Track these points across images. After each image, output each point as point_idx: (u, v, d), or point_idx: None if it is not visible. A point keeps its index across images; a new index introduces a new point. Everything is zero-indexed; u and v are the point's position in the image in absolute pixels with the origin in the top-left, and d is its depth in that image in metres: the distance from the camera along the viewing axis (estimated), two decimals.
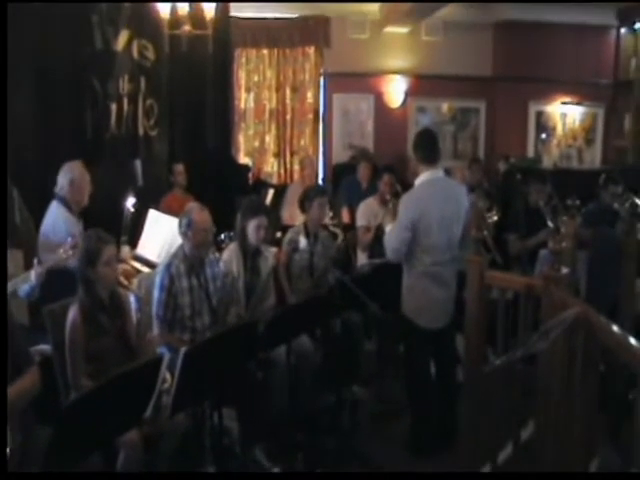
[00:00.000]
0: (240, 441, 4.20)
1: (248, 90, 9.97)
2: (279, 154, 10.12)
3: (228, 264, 4.53)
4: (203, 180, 6.95)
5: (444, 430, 4.34)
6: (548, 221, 5.37)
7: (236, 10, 8.22)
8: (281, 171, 10.14)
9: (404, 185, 5.43)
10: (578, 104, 10.81)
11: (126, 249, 5.19)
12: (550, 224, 5.32)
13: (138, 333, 3.81)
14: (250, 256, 4.61)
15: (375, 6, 9.82)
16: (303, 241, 5.10)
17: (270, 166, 10.12)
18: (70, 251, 3.86)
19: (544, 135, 10.79)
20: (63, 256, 3.93)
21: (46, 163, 5.09)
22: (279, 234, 6.10)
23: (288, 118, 10.07)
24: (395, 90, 10.33)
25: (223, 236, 5.18)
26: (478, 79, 10.35)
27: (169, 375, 2.95)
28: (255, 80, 9.98)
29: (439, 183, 4.32)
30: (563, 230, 4.93)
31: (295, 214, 6.16)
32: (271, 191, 7.85)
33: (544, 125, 10.78)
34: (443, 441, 4.29)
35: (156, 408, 2.87)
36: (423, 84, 10.28)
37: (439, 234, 4.19)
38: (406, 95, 10.36)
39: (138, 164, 6.71)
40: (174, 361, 3.00)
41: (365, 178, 7.22)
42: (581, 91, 10.68)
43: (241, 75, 9.85)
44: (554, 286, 3.30)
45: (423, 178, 4.26)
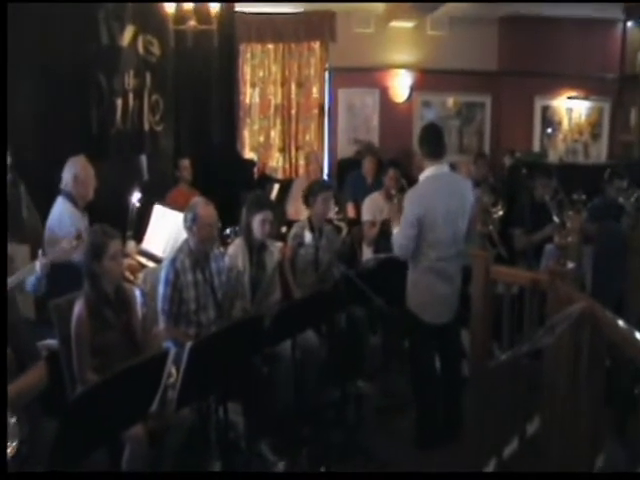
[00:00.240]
0: (245, 435, 4.21)
1: (253, 85, 9.97)
2: (284, 149, 10.12)
3: (234, 259, 4.53)
4: (208, 175, 6.95)
5: (449, 425, 4.34)
6: (554, 216, 5.34)
7: (241, 5, 8.23)
8: (286, 166, 10.14)
9: (409, 180, 5.42)
10: (584, 99, 10.76)
11: (132, 244, 5.20)
12: (556, 219, 5.29)
13: (144, 328, 3.83)
14: (256, 251, 4.61)
15: None
16: (308, 236, 5.10)
17: (275, 161, 10.12)
18: (74, 242, 3.84)
19: (550, 130, 10.75)
20: (67, 247, 3.92)
21: (52, 159, 5.09)
22: (284, 229, 6.10)
23: (293, 113, 10.06)
24: (400, 85, 10.31)
25: (229, 231, 5.19)
26: (484, 74, 10.32)
27: (175, 369, 2.96)
28: (260, 75, 9.97)
29: (444, 178, 4.31)
30: (569, 225, 4.92)
31: (300, 209, 6.16)
32: (276, 186, 7.85)
33: (550, 120, 10.74)
34: (448, 436, 4.29)
35: (162, 402, 2.87)
36: (428, 79, 10.26)
37: (444, 229, 4.19)
38: (411, 90, 10.35)
39: (144, 159, 6.73)
40: (180, 355, 3.01)
41: (370, 173, 7.21)
42: (587, 85, 10.63)
43: (246, 70, 9.84)
44: (560, 281, 3.30)
45: (428, 173, 4.25)
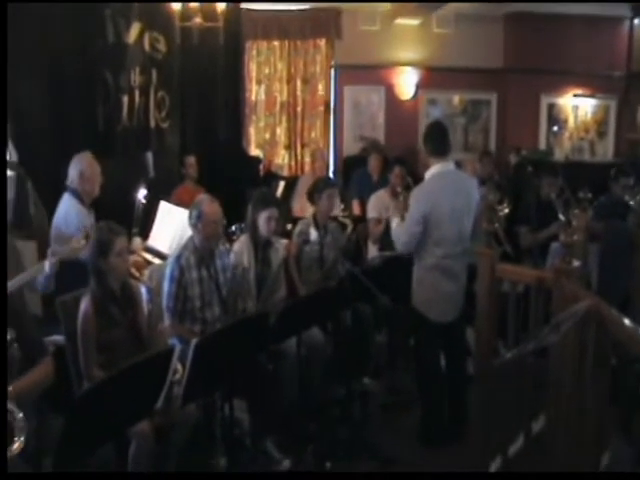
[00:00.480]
0: (251, 432, 4.23)
1: (259, 82, 9.95)
2: (290, 146, 10.10)
3: (239, 256, 4.54)
4: (214, 172, 6.96)
5: (454, 423, 4.35)
6: (559, 214, 5.35)
7: (247, 2, 8.23)
8: (292, 163, 10.13)
9: (415, 177, 5.42)
10: (590, 96, 10.73)
11: (137, 241, 5.21)
12: (561, 217, 5.30)
13: (149, 324, 3.83)
14: (261, 248, 4.61)
15: None
16: (313, 233, 5.10)
17: (281, 158, 10.10)
18: (83, 241, 3.86)
19: (556, 128, 10.72)
20: (76, 246, 3.94)
21: (59, 156, 5.11)
22: (290, 226, 6.11)
23: (299, 110, 10.04)
24: (406, 82, 10.29)
25: (234, 228, 5.20)
26: (489, 71, 10.30)
27: (180, 366, 2.97)
28: (266, 72, 9.95)
29: (450, 176, 4.31)
30: (575, 223, 4.92)
31: (306, 206, 6.16)
32: (282, 183, 7.85)
33: (556, 117, 10.71)
34: (453, 433, 4.30)
35: (167, 399, 2.88)
36: (434, 76, 10.24)
37: (450, 227, 4.19)
38: (417, 87, 10.32)
39: (149, 156, 6.75)
40: (185, 352, 3.02)
41: (376, 170, 7.21)
42: (593, 83, 10.60)
43: (252, 67, 9.82)
44: (565, 279, 3.29)
45: (434, 171, 4.26)
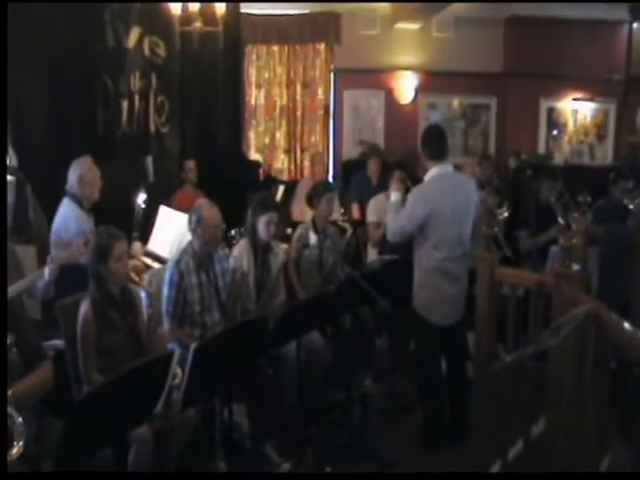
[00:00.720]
0: (250, 436, 4.22)
1: (259, 86, 9.96)
2: (289, 150, 10.11)
3: (238, 260, 4.53)
4: (214, 176, 6.97)
5: (455, 426, 4.34)
6: (559, 218, 5.36)
7: (247, 7, 8.24)
8: (291, 167, 10.13)
9: (415, 181, 5.41)
10: (589, 100, 10.73)
11: (137, 245, 5.21)
12: (561, 221, 5.31)
13: (149, 329, 3.83)
14: (260, 252, 4.61)
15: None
16: (312, 237, 5.10)
17: (280, 162, 10.11)
18: (82, 248, 3.88)
19: (555, 131, 10.73)
20: (75, 252, 3.96)
21: (59, 161, 5.11)
22: (289, 230, 6.10)
23: (298, 114, 10.05)
24: (406, 86, 10.30)
25: (234, 232, 5.20)
26: (489, 75, 10.31)
27: (179, 370, 2.97)
28: (265, 76, 9.97)
29: (449, 178, 4.32)
30: (574, 227, 4.92)
31: (305, 210, 6.15)
32: (281, 187, 7.84)
33: (555, 121, 10.72)
34: (454, 437, 4.29)
35: (167, 403, 2.88)
36: (434, 80, 10.25)
37: (450, 229, 4.19)
38: (417, 91, 10.34)
39: (149, 161, 6.75)
40: (184, 356, 3.01)
41: (375, 174, 7.22)
42: (593, 87, 10.61)
43: (252, 71, 9.84)
44: (565, 283, 3.29)
45: (433, 173, 4.26)
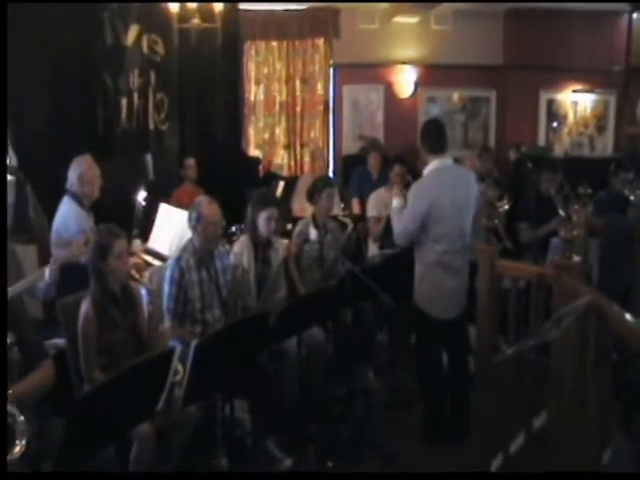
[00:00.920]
0: (252, 432, 4.23)
1: (258, 82, 9.94)
2: (289, 146, 10.09)
3: (239, 256, 4.54)
4: (213, 173, 6.96)
5: (456, 420, 4.34)
6: (559, 209, 5.35)
7: (245, 2, 8.23)
8: (291, 163, 10.11)
9: (415, 175, 5.41)
10: (589, 92, 10.70)
11: (138, 242, 5.21)
12: (561, 212, 5.30)
13: (150, 326, 3.83)
14: (261, 248, 4.62)
15: None
16: (313, 232, 5.10)
17: (280, 158, 10.09)
18: (83, 247, 3.90)
19: (555, 123, 10.70)
20: (76, 252, 3.98)
21: (59, 159, 5.12)
22: (290, 226, 6.11)
23: (298, 110, 10.03)
24: (405, 80, 10.27)
25: (234, 229, 5.20)
26: (488, 68, 10.29)
27: (181, 367, 2.97)
28: (265, 72, 9.94)
29: (448, 171, 4.32)
30: (574, 218, 4.91)
31: (305, 206, 6.15)
32: (281, 183, 7.84)
33: (555, 113, 10.70)
34: (456, 431, 4.29)
35: (168, 400, 2.88)
36: (433, 74, 10.23)
37: (450, 222, 4.19)
38: (416, 85, 10.31)
39: (149, 158, 6.75)
40: (185, 353, 3.02)
41: (375, 169, 7.21)
42: (592, 78, 10.58)
43: (251, 67, 9.81)
44: (566, 274, 3.29)
45: (432, 167, 4.26)
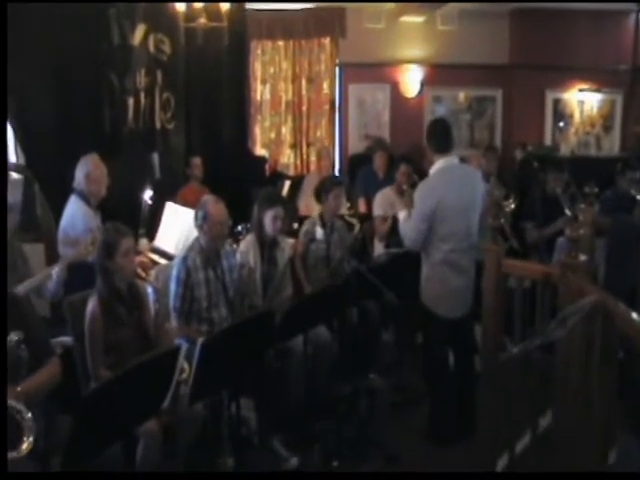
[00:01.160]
0: (258, 431, 4.24)
1: (264, 82, 9.95)
2: (295, 145, 10.10)
3: (245, 255, 4.55)
4: (220, 172, 6.98)
5: (462, 419, 4.34)
6: (566, 209, 5.35)
7: (251, 2, 8.24)
8: (297, 162, 10.13)
9: (421, 175, 5.41)
10: (596, 91, 10.68)
11: (144, 241, 5.23)
12: (568, 212, 5.30)
13: (156, 324, 3.84)
14: (267, 247, 4.62)
15: None
16: (319, 231, 5.11)
17: (286, 157, 10.10)
18: (90, 247, 3.93)
19: (562, 123, 10.68)
20: (84, 252, 4.01)
21: (66, 158, 5.14)
22: (296, 225, 6.11)
23: (304, 109, 10.04)
24: (411, 80, 10.27)
25: (240, 228, 5.21)
26: (494, 67, 10.28)
27: (187, 365, 2.99)
28: (271, 72, 9.96)
29: (454, 170, 4.32)
30: (581, 218, 4.90)
31: (312, 205, 6.17)
32: (287, 182, 7.85)
33: (561, 113, 10.67)
34: (461, 430, 4.29)
35: (174, 398, 2.90)
36: (439, 73, 10.22)
37: (457, 221, 4.19)
38: (422, 85, 10.31)
39: (156, 157, 6.76)
40: (191, 351, 3.03)
41: (381, 168, 7.21)
42: (599, 78, 10.56)
43: (257, 67, 9.83)
44: (571, 274, 3.29)
45: (438, 166, 4.26)
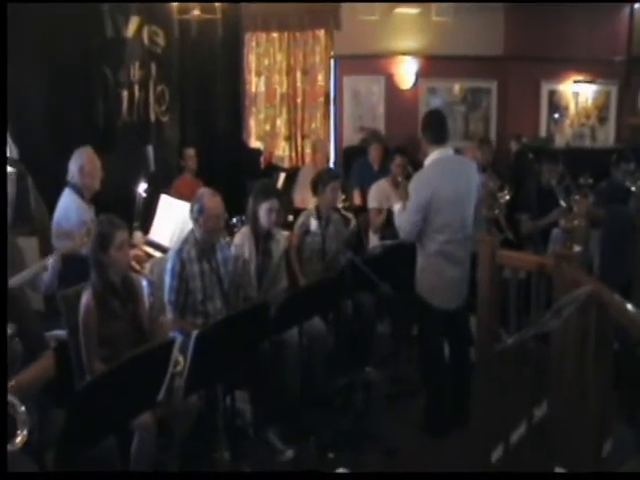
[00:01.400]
0: (253, 423, 4.24)
1: (259, 74, 9.91)
2: (290, 138, 10.06)
3: (240, 248, 4.54)
4: (215, 165, 6.96)
5: (458, 411, 4.34)
6: (560, 200, 5.35)
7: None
8: (292, 155, 10.09)
9: (416, 166, 5.41)
10: (591, 82, 10.67)
11: (139, 234, 5.21)
12: (562, 203, 5.30)
13: (150, 317, 3.84)
14: (262, 239, 4.62)
15: None
16: (314, 223, 5.10)
17: (281, 150, 10.07)
18: (85, 239, 3.92)
19: (556, 114, 10.68)
20: (78, 243, 4.01)
21: (59, 152, 5.12)
22: (291, 217, 6.11)
23: (299, 101, 10.00)
24: (406, 71, 10.24)
25: (235, 220, 5.19)
26: (489, 59, 10.24)
27: (181, 358, 2.98)
28: (265, 64, 9.91)
29: (449, 161, 4.32)
30: (575, 209, 4.91)
31: (307, 197, 6.16)
32: (282, 175, 7.84)
33: (556, 104, 10.67)
34: (457, 421, 4.30)
35: (169, 391, 2.89)
36: (434, 65, 10.19)
37: (452, 212, 4.19)
38: (417, 76, 10.28)
39: (150, 150, 6.75)
40: (186, 344, 3.03)
41: (376, 160, 7.20)
42: (594, 69, 10.55)
43: (251, 59, 9.78)
44: (566, 264, 3.29)
45: (433, 157, 4.25)
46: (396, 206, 4.46)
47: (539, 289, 3.56)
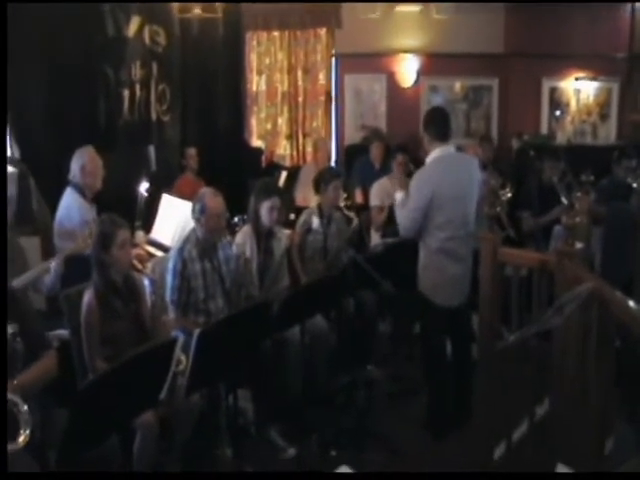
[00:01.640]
0: (255, 421, 4.25)
1: (260, 73, 9.91)
2: (291, 136, 10.07)
3: (241, 246, 4.54)
4: (216, 164, 6.97)
5: (460, 408, 4.34)
6: (562, 197, 5.34)
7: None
8: (294, 153, 10.10)
9: (417, 164, 5.40)
10: (592, 79, 10.65)
11: (140, 234, 5.22)
12: (564, 200, 5.29)
13: (152, 316, 3.85)
14: (263, 238, 4.62)
15: None
16: (316, 222, 5.11)
17: (283, 148, 10.07)
18: (88, 240, 3.93)
19: (558, 111, 10.66)
20: (81, 245, 4.01)
21: (61, 151, 5.13)
22: (292, 216, 6.11)
23: (300, 100, 10.01)
24: (407, 69, 10.24)
25: (236, 219, 5.20)
26: (490, 56, 10.23)
27: (183, 357, 2.99)
28: (266, 63, 9.91)
29: (451, 158, 4.31)
30: (577, 206, 4.90)
31: (308, 196, 6.17)
32: (284, 173, 7.83)
33: (558, 101, 10.65)
34: (459, 419, 4.30)
35: (171, 389, 2.90)
36: (435, 63, 10.18)
37: (454, 209, 4.18)
38: (418, 74, 10.27)
39: (151, 149, 6.76)
40: (188, 343, 3.03)
41: (378, 158, 7.20)
42: (595, 66, 10.52)
43: (252, 58, 9.78)
44: (568, 261, 3.29)
45: (434, 155, 4.25)
46: (398, 195, 4.46)
47: (541, 286, 3.56)
